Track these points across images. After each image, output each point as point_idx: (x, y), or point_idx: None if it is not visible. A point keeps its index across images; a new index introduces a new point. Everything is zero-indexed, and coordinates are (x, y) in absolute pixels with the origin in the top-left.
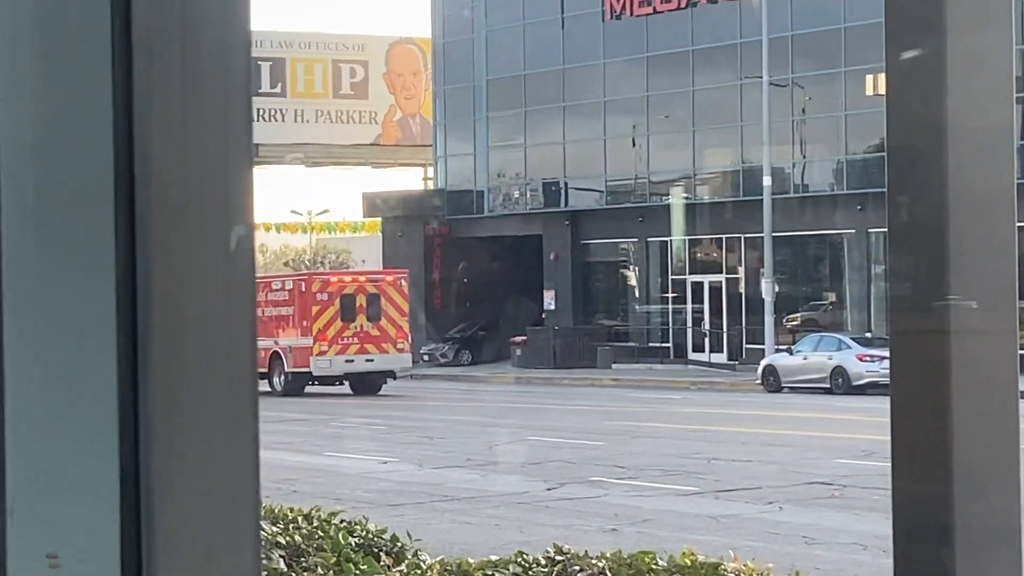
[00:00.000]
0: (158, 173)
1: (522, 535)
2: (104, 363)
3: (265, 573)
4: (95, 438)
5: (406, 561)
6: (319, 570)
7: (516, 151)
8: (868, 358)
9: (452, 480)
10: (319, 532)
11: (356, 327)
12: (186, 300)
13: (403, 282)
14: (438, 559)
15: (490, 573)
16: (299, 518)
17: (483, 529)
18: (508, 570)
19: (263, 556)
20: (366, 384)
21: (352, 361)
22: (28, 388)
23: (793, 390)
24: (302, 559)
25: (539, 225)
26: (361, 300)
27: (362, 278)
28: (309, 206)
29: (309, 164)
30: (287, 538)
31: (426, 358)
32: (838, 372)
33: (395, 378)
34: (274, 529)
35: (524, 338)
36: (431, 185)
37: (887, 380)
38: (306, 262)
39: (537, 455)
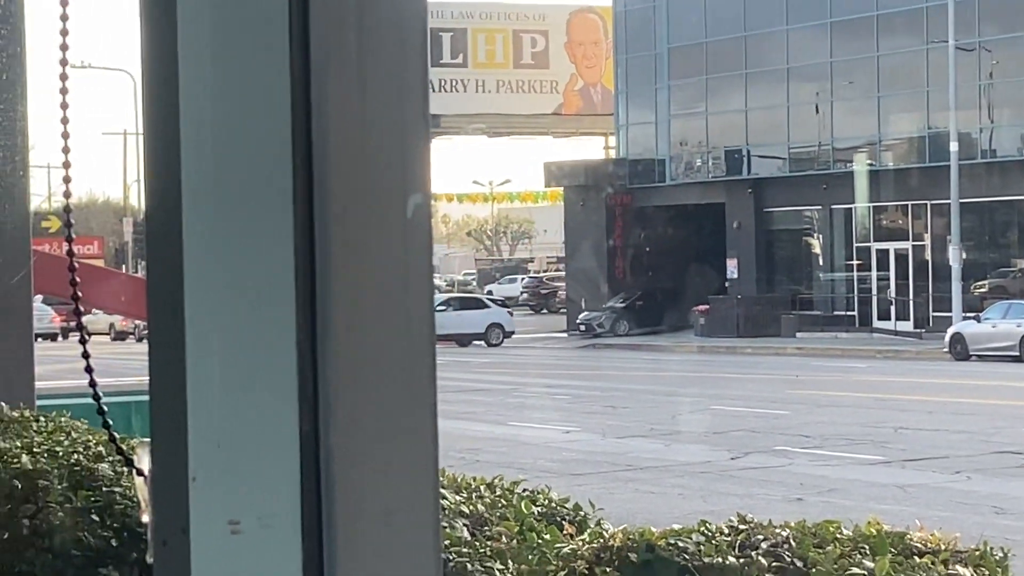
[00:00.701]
0: (336, 143)
1: (705, 504)
2: (283, 331)
3: (448, 541)
4: (275, 405)
5: (589, 530)
6: (503, 539)
7: (698, 119)
8: None
9: (635, 449)
10: (502, 501)
11: None
12: (364, 268)
13: None
14: (621, 528)
15: (673, 542)
16: (482, 487)
17: (666, 498)
18: (691, 539)
19: (447, 524)
20: None
21: None
22: (208, 356)
23: (981, 358)
24: (485, 528)
25: (721, 193)
26: None
27: None
28: (491, 176)
29: (490, 134)
30: (470, 507)
31: (582, 328)
32: None
33: None
34: (457, 498)
35: (707, 307)
36: (612, 154)
37: None
38: (488, 232)
39: (720, 424)
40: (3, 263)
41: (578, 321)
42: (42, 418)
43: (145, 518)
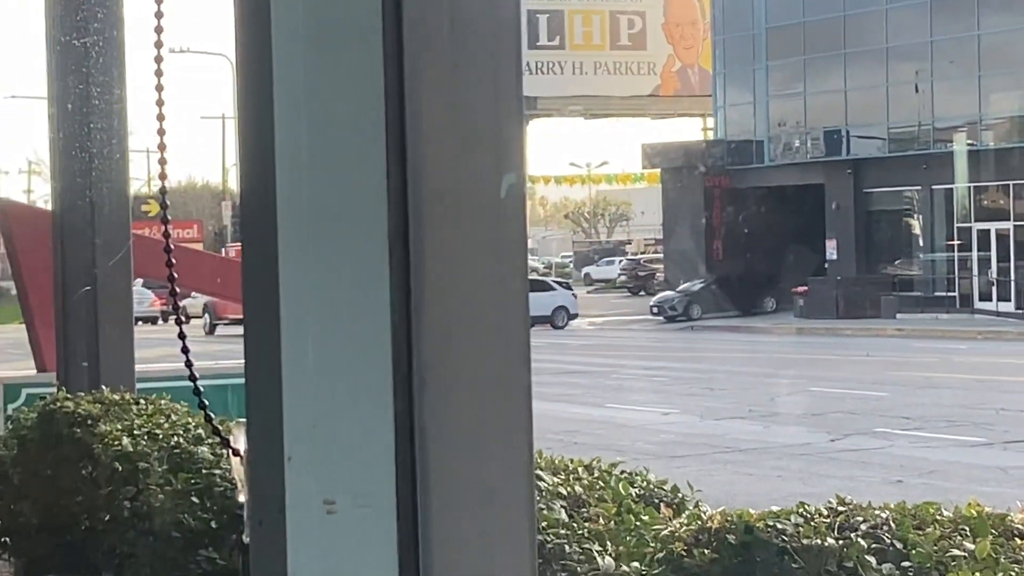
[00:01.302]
0: (429, 124)
1: (805, 486)
2: (378, 311)
3: (546, 523)
4: (370, 385)
5: (687, 512)
6: (600, 520)
7: (796, 100)
8: None
9: (734, 431)
10: (600, 483)
11: None
12: (457, 249)
13: None
14: (719, 510)
15: (771, 523)
16: (580, 469)
17: (765, 480)
18: (790, 520)
19: (544, 506)
20: None
21: None
22: (303, 337)
23: None
24: (583, 509)
25: (820, 174)
26: None
27: None
28: (588, 158)
29: (588, 116)
30: (568, 488)
31: (655, 311)
32: None
33: None
34: (555, 480)
35: (805, 288)
36: (710, 135)
37: None
38: (585, 214)
39: (819, 406)
40: (102, 245)
41: (651, 304)
42: (142, 400)
43: (242, 498)
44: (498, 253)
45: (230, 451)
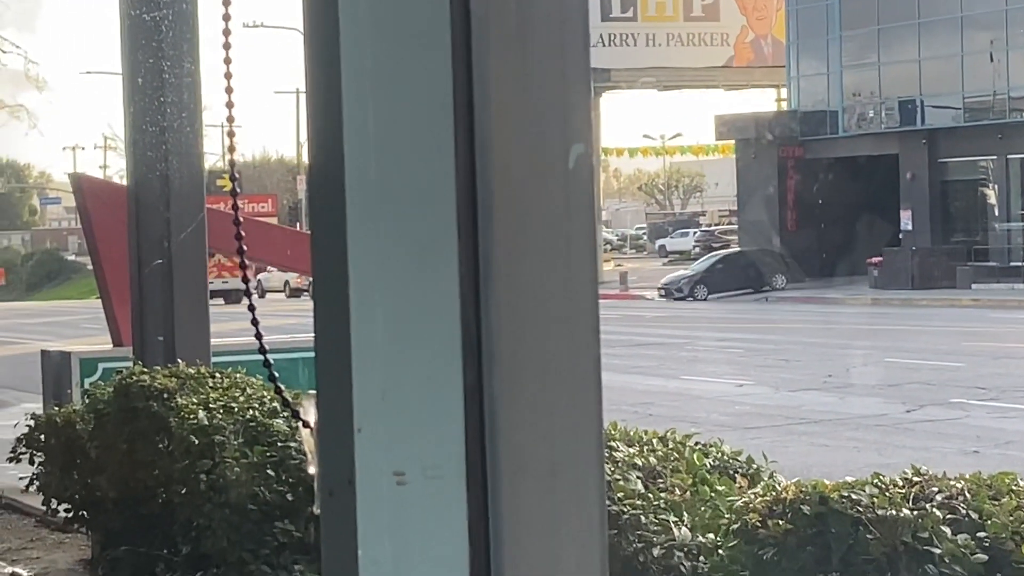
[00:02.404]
0: (496, 95)
1: (880, 457)
2: (446, 283)
3: (622, 494)
4: (439, 356)
5: (761, 483)
6: (676, 491)
7: (870, 70)
8: None
9: (809, 402)
10: (675, 454)
11: (216, 259)
12: (525, 219)
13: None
14: (793, 481)
15: (846, 494)
16: (654, 440)
17: (841, 451)
18: (864, 491)
19: (620, 477)
20: (232, 297)
21: (212, 283)
22: (372, 308)
23: None
24: (658, 480)
25: (894, 144)
26: None
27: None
28: (662, 130)
29: (661, 88)
30: (643, 460)
31: (663, 293)
32: None
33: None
34: (630, 451)
35: (880, 259)
36: (784, 106)
37: None
38: (659, 186)
39: (895, 377)
40: (174, 219)
41: (659, 285)
42: (217, 374)
43: (312, 469)
44: (567, 224)
45: (300, 423)
